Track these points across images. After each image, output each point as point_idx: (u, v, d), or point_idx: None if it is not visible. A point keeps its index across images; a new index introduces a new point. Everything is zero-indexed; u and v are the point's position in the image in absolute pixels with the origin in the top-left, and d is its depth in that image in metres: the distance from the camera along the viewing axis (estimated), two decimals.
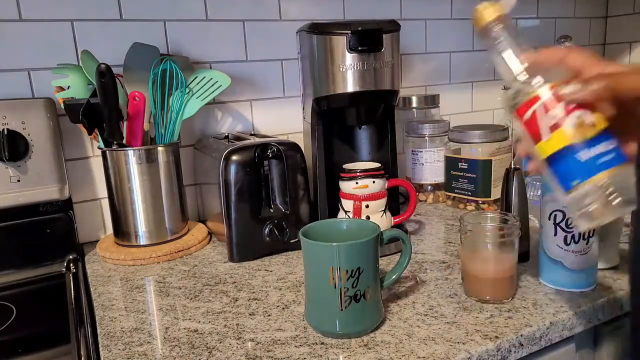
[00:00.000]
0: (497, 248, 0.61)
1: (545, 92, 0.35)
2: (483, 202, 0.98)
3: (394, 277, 0.60)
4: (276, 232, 0.80)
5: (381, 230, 0.57)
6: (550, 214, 0.62)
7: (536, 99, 0.36)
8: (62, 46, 0.86)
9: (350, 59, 0.76)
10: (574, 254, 0.61)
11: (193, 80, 0.86)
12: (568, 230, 0.61)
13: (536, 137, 0.36)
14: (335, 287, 0.53)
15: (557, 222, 0.61)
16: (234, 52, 1.01)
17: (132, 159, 0.80)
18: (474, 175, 0.97)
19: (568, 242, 0.61)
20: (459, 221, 0.63)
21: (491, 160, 0.95)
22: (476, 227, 0.63)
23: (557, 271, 0.63)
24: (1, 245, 0.81)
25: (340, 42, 0.75)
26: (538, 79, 0.36)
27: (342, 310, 0.54)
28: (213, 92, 0.87)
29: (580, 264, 0.61)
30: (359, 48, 0.75)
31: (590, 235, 0.61)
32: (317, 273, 0.54)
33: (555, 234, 0.62)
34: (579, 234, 0.61)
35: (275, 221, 0.80)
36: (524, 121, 0.37)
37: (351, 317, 0.54)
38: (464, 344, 0.52)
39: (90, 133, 0.77)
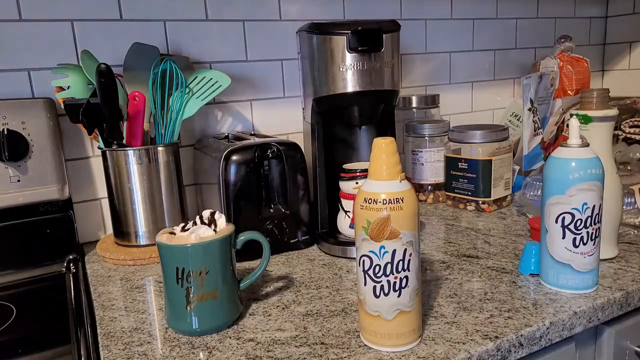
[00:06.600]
0: None
1: None
2: (483, 202, 0.98)
3: (248, 281, 0.63)
4: (276, 232, 0.80)
5: (232, 233, 0.58)
6: (558, 217, 0.61)
7: None
8: (62, 46, 0.86)
9: (350, 59, 0.76)
10: (583, 256, 0.61)
11: (193, 80, 0.86)
12: (577, 232, 0.60)
13: None
14: (181, 286, 0.55)
15: (565, 224, 0.61)
16: (234, 52, 1.01)
17: (132, 159, 0.80)
18: (474, 175, 0.97)
19: (577, 244, 0.61)
20: None
21: (491, 160, 0.95)
22: None
23: (566, 274, 0.62)
24: (1, 245, 0.81)
25: (340, 42, 0.75)
26: None
27: (189, 309, 0.56)
28: (213, 92, 0.87)
29: (588, 265, 0.61)
30: (359, 48, 0.75)
31: (597, 235, 0.61)
32: (166, 273, 0.57)
33: (564, 237, 0.61)
34: (588, 235, 0.60)
35: (275, 221, 0.80)
36: None
37: (200, 316, 0.56)
38: (464, 344, 0.52)
39: (90, 133, 0.77)
